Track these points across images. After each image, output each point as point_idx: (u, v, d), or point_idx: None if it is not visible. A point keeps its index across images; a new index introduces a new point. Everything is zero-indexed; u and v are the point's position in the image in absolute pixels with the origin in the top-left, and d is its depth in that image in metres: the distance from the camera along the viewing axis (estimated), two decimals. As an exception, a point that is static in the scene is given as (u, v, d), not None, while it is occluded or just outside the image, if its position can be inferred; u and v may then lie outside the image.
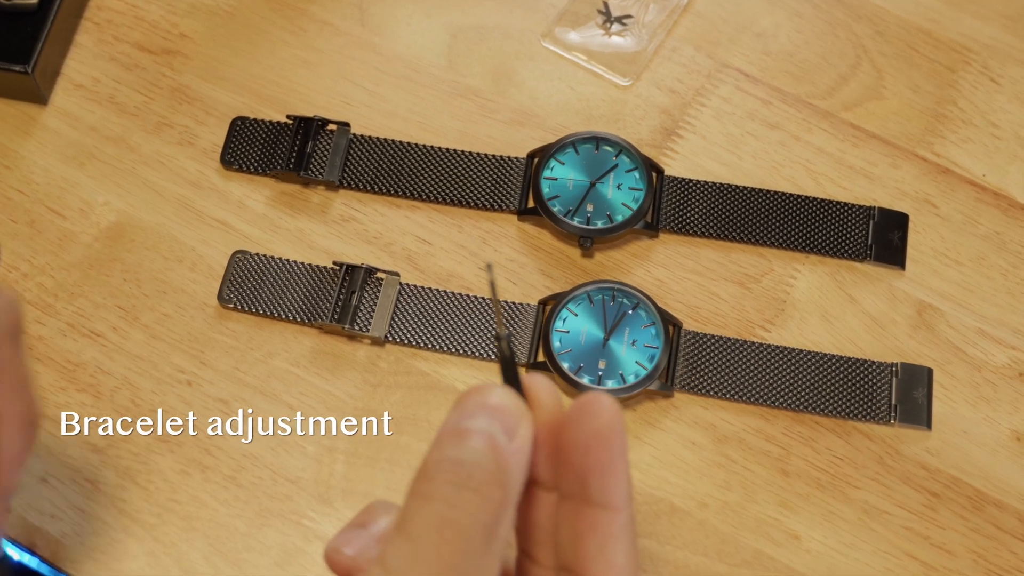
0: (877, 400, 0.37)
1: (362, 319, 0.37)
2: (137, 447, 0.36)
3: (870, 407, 0.37)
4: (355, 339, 0.38)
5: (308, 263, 0.38)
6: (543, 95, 0.42)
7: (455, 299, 0.38)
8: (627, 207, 0.39)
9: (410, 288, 0.38)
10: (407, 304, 0.38)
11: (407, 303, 0.38)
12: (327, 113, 0.41)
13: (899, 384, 0.37)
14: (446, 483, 0.18)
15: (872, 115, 0.42)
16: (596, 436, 0.19)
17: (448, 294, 0.38)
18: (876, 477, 0.36)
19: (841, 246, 0.40)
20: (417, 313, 0.37)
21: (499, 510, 0.18)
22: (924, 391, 0.37)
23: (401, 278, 0.38)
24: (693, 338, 0.37)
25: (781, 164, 0.41)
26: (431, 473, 0.19)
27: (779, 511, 0.36)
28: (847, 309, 0.39)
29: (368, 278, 0.37)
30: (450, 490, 0.18)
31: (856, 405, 0.37)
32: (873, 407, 0.37)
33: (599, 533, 0.20)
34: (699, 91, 0.43)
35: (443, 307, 0.38)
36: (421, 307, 0.38)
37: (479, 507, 0.18)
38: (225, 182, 0.40)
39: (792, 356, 0.37)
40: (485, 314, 0.37)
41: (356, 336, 0.37)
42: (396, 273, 0.38)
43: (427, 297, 0.38)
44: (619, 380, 0.36)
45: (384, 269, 0.38)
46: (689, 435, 0.37)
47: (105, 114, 0.41)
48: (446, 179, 0.40)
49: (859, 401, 0.37)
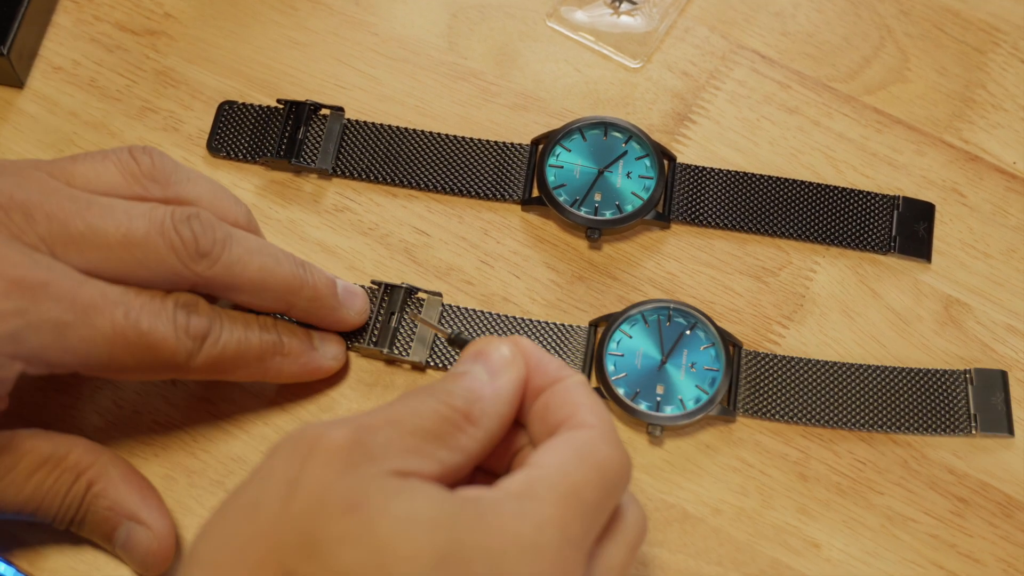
0: (955, 411, 0.36)
1: (402, 343, 0.36)
2: (119, 450, 0.35)
3: (948, 419, 0.36)
4: (394, 363, 0.37)
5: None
6: (548, 78, 0.42)
7: (502, 321, 0.37)
8: (637, 196, 0.39)
9: (453, 310, 0.37)
10: (451, 327, 0.37)
11: (450, 327, 0.37)
12: (320, 97, 0.41)
13: (975, 391, 0.37)
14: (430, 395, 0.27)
15: (896, 99, 0.42)
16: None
17: (494, 316, 0.37)
18: (900, 482, 0.36)
19: (863, 238, 0.39)
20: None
21: (459, 419, 0.26)
22: (1002, 396, 0.37)
23: (444, 299, 0.37)
24: (755, 359, 0.37)
25: (800, 151, 0.41)
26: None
27: (798, 518, 0.35)
28: (870, 304, 0.39)
29: (409, 299, 0.37)
30: (430, 401, 0.26)
31: (933, 419, 0.36)
32: (951, 418, 0.36)
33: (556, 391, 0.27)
34: (713, 74, 0.42)
35: (489, 331, 0.37)
36: (464, 331, 0.37)
37: (447, 411, 0.26)
38: (212, 170, 0.40)
39: (860, 373, 0.37)
40: (536, 338, 0.37)
41: (396, 360, 0.37)
42: (439, 294, 0.37)
43: (471, 319, 0.37)
44: (679, 406, 0.36)
45: (426, 289, 0.37)
46: (702, 438, 0.37)
47: (85, 98, 0.41)
48: (446, 167, 0.40)
49: (936, 414, 0.36)
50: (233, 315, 0.32)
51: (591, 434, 0.26)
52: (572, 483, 0.25)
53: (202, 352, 0.31)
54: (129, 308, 0.30)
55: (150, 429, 0.36)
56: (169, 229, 0.30)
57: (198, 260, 0.31)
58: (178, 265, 0.30)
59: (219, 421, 0.36)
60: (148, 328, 0.30)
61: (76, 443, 0.31)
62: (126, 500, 0.31)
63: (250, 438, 0.36)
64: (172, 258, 0.30)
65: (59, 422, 0.35)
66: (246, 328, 0.33)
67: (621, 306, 0.38)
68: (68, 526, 0.32)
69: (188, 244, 0.30)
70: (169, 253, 0.30)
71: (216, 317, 0.32)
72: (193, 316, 0.31)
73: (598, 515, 0.26)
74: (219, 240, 0.31)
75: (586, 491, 0.25)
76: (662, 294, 0.39)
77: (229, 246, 0.31)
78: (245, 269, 0.31)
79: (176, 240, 0.30)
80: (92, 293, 0.29)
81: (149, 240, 0.30)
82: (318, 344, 0.35)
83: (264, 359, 0.33)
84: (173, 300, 0.31)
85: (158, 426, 0.36)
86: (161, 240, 0.30)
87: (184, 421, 0.36)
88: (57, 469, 0.31)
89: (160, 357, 0.30)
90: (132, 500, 0.32)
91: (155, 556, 0.32)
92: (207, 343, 0.31)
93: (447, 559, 0.23)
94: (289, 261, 0.33)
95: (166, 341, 0.30)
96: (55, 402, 0.36)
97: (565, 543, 0.24)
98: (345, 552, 0.23)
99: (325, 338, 0.35)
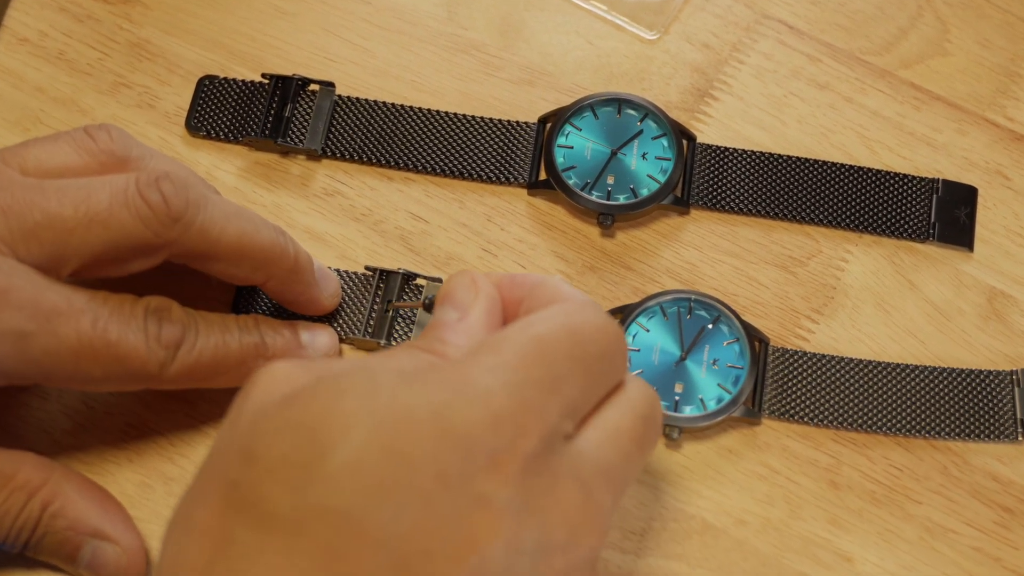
0: (1000, 415, 0.36)
1: (400, 333, 0.36)
2: (90, 455, 0.35)
3: (993, 424, 0.36)
4: None
5: (339, 269, 0.37)
6: (557, 51, 0.41)
7: None
8: (653, 179, 0.38)
9: None
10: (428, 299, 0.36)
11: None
12: (308, 72, 0.40)
13: (1022, 394, 0.36)
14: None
15: (935, 74, 0.41)
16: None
17: None
18: (940, 490, 0.36)
19: (900, 224, 0.39)
20: None
21: (437, 361, 0.25)
22: None
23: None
24: (782, 356, 0.36)
25: (831, 130, 0.41)
26: None
27: (828, 529, 0.35)
28: (906, 297, 0.38)
29: (406, 285, 0.36)
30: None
31: (976, 423, 0.36)
32: (996, 424, 0.36)
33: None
34: (736, 46, 0.42)
35: None
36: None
37: (424, 357, 0.26)
38: (191, 151, 0.39)
39: (896, 372, 0.36)
40: None
41: None
42: (439, 279, 0.36)
43: None
44: (699, 406, 0.35)
45: (426, 275, 0.36)
46: (724, 441, 0.36)
47: (53, 72, 0.40)
48: (445, 147, 0.39)
49: (979, 418, 0.36)
50: (209, 318, 0.32)
51: (566, 304, 0.26)
52: (535, 334, 0.25)
53: (176, 361, 0.31)
54: (97, 316, 0.29)
55: (124, 432, 0.35)
56: (134, 196, 0.29)
57: (170, 225, 0.29)
58: (148, 235, 0.29)
59: (199, 423, 0.35)
60: (117, 338, 0.29)
61: (24, 459, 0.31)
62: (87, 517, 0.31)
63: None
64: (140, 228, 0.29)
65: (23, 423, 0.35)
66: (223, 331, 0.32)
67: (636, 299, 0.37)
68: (22, 550, 0.31)
69: (157, 209, 0.29)
70: (136, 224, 0.29)
71: (191, 322, 0.31)
72: (165, 323, 0.30)
73: (573, 372, 0.25)
74: (192, 201, 0.30)
75: (552, 344, 0.24)
76: (680, 286, 0.38)
77: (203, 208, 0.30)
78: (222, 234, 0.30)
79: (143, 207, 0.29)
80: (56, 300, 0.29)
81: (113, 213, 0.29)
82: (306, 340, 0.34)
83: (246, 363, 0.32)
84: (144, 306, 0.30)
85: (132, 428, 0.35)
86: (126, 212, 0.29)
87: (161, 423, 0.35)
88: (4, 490, 0.30)
89: (130, 368, 0.30)
90: (93, 516, 0.31)
91: (127, 572, 0.31)
92: (181, 351, 0.31)
93: (384, 424, 0.22)
94: (268, 227, 0.32)
95: (137, 351, 0.30)
96: (18, 402, 0.35)
97: (525, 383, 0.23)
98: (278, 441, 0.22)
99: (314, 331, 0.35)
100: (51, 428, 0.35)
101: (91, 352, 0.29)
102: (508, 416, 0.23)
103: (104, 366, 0.29)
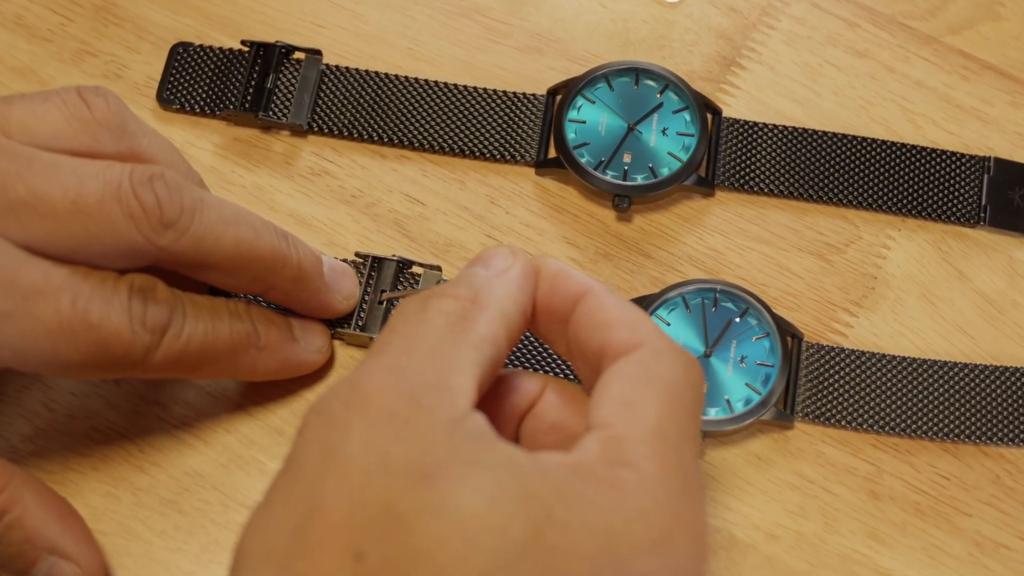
0: None
1: None
2: (51, 463, 0.35)
3: None
4: None
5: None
6: (568, 14, 0.41)
7: None
8: (675, 157, 0.38)
9: None
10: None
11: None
12: (293, 38, 0.40)
13: None
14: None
15: (986, 40, 0.41)
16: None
17: None
18: (991, 501, 0.35)
19: (947, 207, 0.39)
20: None
21: (468, 306, 0.27)
22: None
23: (444, 275, 0.37)
24: (817, 353, 0.36)
25: (871, 103, 0.40)
26: None
27: (868, 544, 0.35)
28: (954, 287, 0.38)
29: (401, 274, 0.36)
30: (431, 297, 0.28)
31: None
32: None
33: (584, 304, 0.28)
34: (766, 9, 0.41)
35: None
36: None
37: (451, 304, 0.27)
38: (164, 125, 0.39)
39: (943, 371, 0.36)
40: None
41: None
42: (437, 267, 0.36)
43: None
44: (725, 408, 0.35)
45: (423, 263, 0.36)
46: (753, 447, 0.36)
47: (10, 39, 0.40)
48: (444, 122, 0.39)
49: None
50: (198, 300, 0.31)
51: (641, 356, 0.27)
52: (654, 428, 0.26)
53: (161, 347, 0.30)
54: (77, 295, 0.29)
55: (88, 437, 0.35)
56: (127, 193, 0.29)
57: (162, 231, 0.29)
58: (138, 237, 0.29)
59: (171, 428, 0.35)
60: (99, 319, 0.29)
61: None
62: (45, 529, 0.30)
63: (209, 448, 0.35)
64: (130, 229, 0.29)
65: (-23, 429, 0.35)
66: (214, 316, 0.32)
67: (655, 290, 0.37)
68: None
69: (150, 211, 0.29)
70: (127, 223, 0.29)
71: (178, 304, 0.31)
72: (151, 304, 0.30)
73: (694, 436, 0.26)
74: (187, 207, 0.30)
75: (671, 428, 0.26)
76: (704, 275, 0.38)
77: (199, 214, 0.30)
78: (218, 243, 0.30)
79: (135, 206, 0.29)
80: (34, 276, 0.28)
81: (103, 207, 0.29)
82: (299, 334, 0.34)
83: (236, 353, 0.32)
84: (127, 284, 0.30)
85: (97, 433, 0.35)
86: (118, 207, 0.29)
87: (129, 428, 0.35)
88: None
89: (112, 353, 0.29)
90: (52, 529, 0.31)
91: None
92: (167, 336, 0.30)
93: (541, 533, 0.23)
94: (269, 232, 0.32)
95: (119, 335, 0.29)
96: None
97: (676, 492, 0.25)
98: (425, 527, 0.23)
99: (307, 327, 0.34)
100: (8, 432, 0.34)
101: (70, 335, 0.28)
102: (665, 532, 0.24)
103: (83, 350, 0.29)
